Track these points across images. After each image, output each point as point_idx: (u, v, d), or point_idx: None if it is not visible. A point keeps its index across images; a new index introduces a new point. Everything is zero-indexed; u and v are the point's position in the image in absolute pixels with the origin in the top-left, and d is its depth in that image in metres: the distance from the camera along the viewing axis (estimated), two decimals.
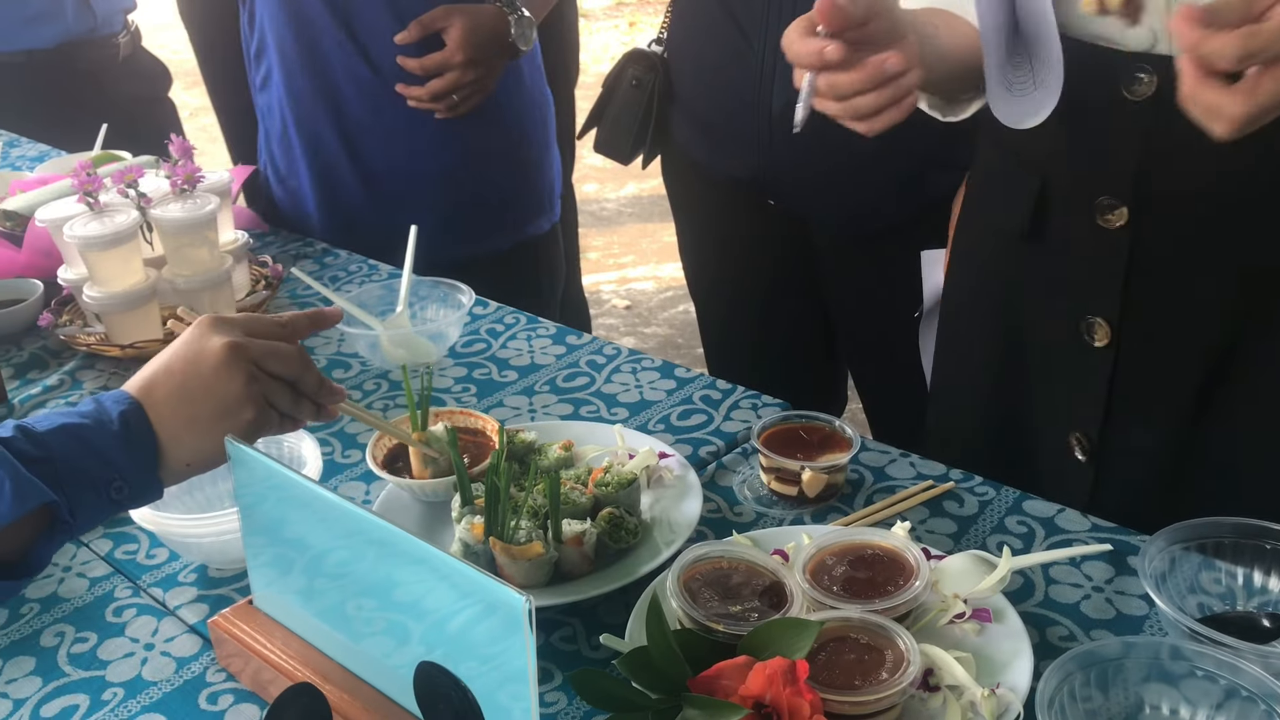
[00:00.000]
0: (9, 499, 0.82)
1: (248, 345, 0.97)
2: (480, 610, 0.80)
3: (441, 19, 1.75)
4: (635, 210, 5.04)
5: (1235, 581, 1.00)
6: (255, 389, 0.97)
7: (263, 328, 1.01)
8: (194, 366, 0.96)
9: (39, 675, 1.02)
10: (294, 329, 1.04)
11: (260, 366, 0.98)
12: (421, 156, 1.84)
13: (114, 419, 0.91)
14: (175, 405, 0.94)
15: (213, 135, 3.30)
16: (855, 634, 0.92)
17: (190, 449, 0.95)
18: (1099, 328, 1.17)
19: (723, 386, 1.41)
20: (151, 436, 0.93)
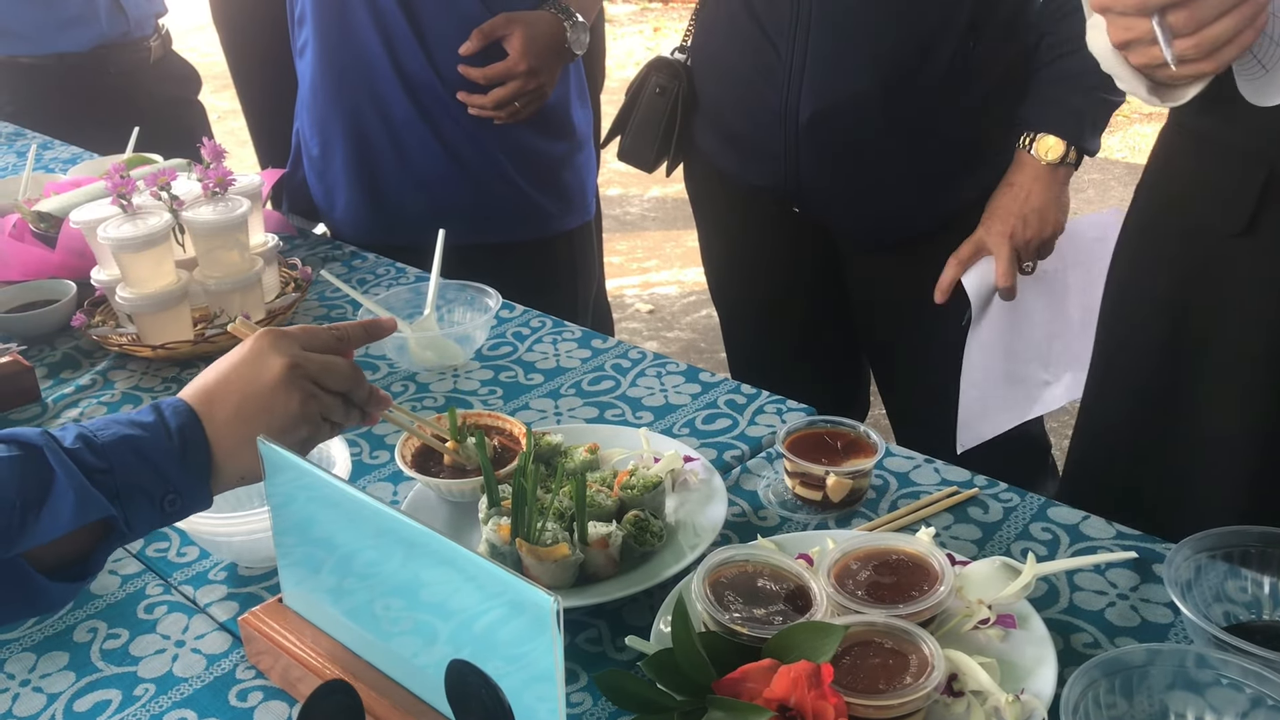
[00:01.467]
0: (72, 509, 0.84)
1: (306, 363, 0.98)
2: (508, 610, 0.81)
3: (502, 27, 1.77)
4: (659, 214, 5.05)
5: (1261, 590, 0.99)
6: (312, 407, 0.98)
7: (319, 342, 1.02)
8: (253, 386, 0.96)
9: (72, 670, 1.04)
10: (349, 341, 1.05)
11: (318, 384, 0.99)
12: (456, 145, 1.85)
13: (173, 433, 0.92)
14: (233, 423, 0.95)
15: (242, 138, 3.33)
16: (880, 638, 0.92)
17: (244, 464, 0.96)
18: None
19: (747, 391, 1.42)
20: (207, 452, 0.94)
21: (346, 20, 1.80)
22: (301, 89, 1.95)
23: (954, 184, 1.62)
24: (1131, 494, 1.31)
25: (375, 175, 1.89)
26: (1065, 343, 1.71)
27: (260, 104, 3.08)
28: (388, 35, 1.79)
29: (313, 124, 1.93)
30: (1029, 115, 1.57)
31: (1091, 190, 5.00)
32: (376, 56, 1.80)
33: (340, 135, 1.89)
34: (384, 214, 1.91)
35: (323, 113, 1.89)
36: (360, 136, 1.87)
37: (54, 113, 2.54)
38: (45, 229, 1.76)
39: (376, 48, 1.80)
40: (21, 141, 2.50)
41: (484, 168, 1.87)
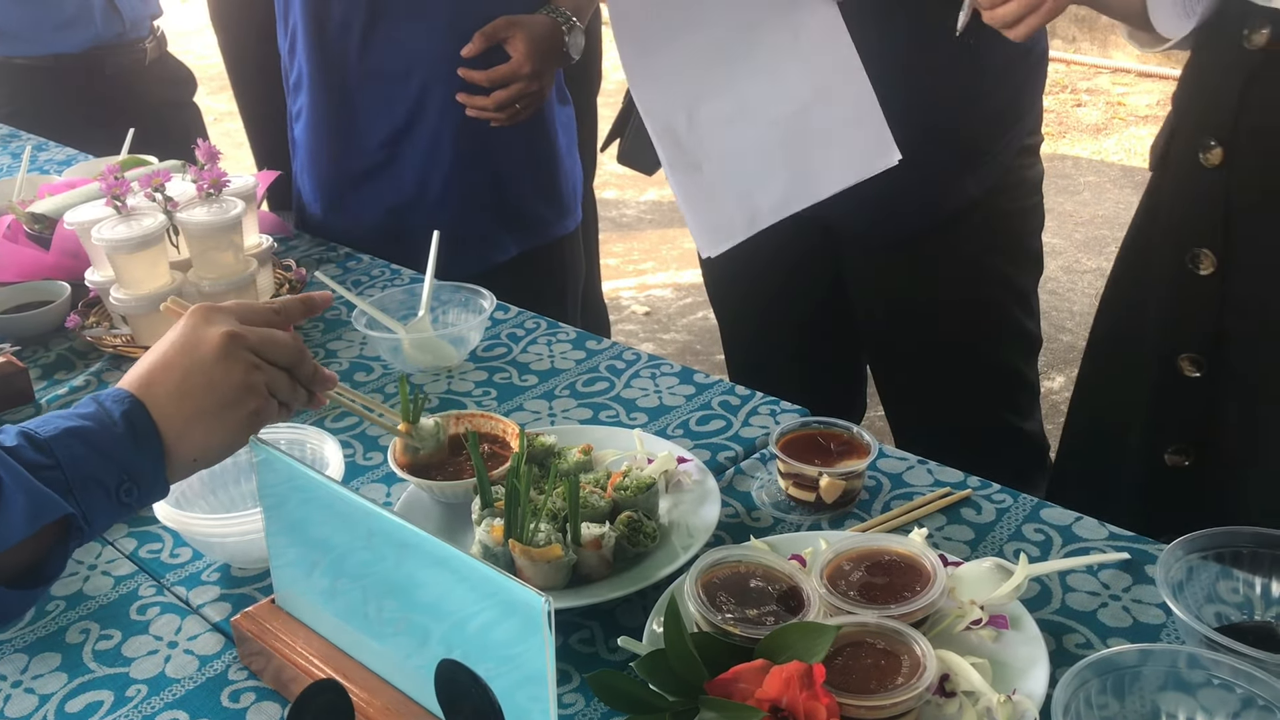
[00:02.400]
0: (23, 514, 0.81)
1: (245, 334, 0.95)
2: (500, 611, 0.81)
3: (504, 29, 1.76)
4: (655, 216, 5.05)
5: (1253, 591, 1.00)
6: (257, 378, 0.95)
7: (257, 315, 0.98)
8: (192, 359, 0.93)
9: (64, 671, 1.03)
10: (287, 315, 1.02)
11: (259, 355, 0.95)
12: (448, 161, 1.85)
13: (117, 420, 0.89)
14: (177, 401, 0.91)
15: (238, 140, 3.33)
16: (872, 639, 0.92)
17: (196, 444, 0.92)
18: (1205, 258, 1.27)
19: (741, 392, 1.42)
20: (156, 435, 0.90)
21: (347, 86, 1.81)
22: (299, 154, 1.94)
23: (956, 182, 1.62)
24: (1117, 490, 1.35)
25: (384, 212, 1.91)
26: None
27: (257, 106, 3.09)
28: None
29: (315, 186, 1.94)
30: None
31: (1088, 193, 5.01)
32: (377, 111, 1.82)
33: (342, 189, 1.90)
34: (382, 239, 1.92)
35: (324, 173, 1.91)
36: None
37: (49, 114, 2.54)
38: (39, 230, 1.76)
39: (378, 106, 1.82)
40: (16, 143, 2.50)
41: (476, 182, 1.88)
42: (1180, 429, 1.37)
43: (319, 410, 1.40)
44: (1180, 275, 1.32)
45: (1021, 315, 1.75)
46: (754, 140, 1.52)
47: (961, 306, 1.70)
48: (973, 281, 1.70)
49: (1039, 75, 1.69)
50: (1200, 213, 1.29)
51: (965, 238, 1.62)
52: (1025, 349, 1.79)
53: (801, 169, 1.51)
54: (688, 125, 1.52)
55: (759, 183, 1.52)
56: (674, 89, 1.52)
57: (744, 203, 1.52)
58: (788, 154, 1.51)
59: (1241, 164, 1.24)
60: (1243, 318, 1.28)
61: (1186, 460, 1.37)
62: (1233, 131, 1.23)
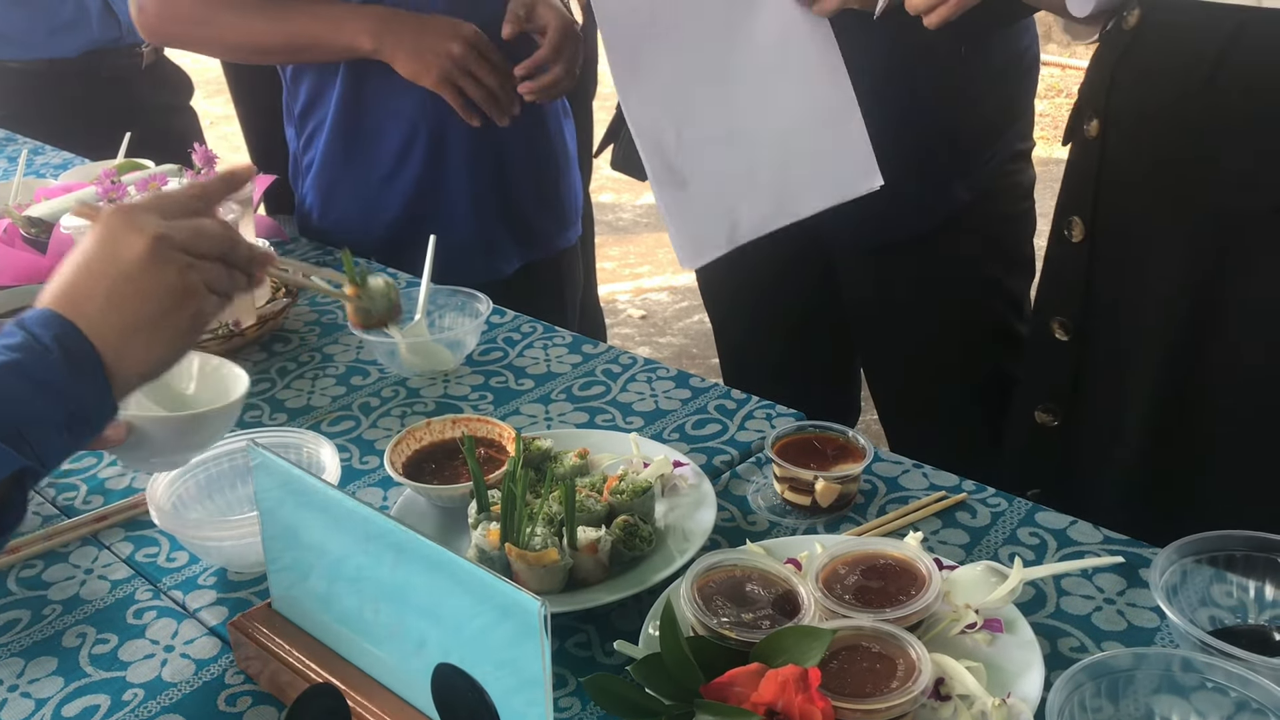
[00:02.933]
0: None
1: (172, 233, 0.87)
2: (496, 615, 0.81)
3: (527, 9, 1.74)
4: (651, 220, 5.06)
5: (1247, 595, 1.00)
6: (192, 278, 0.88)
7: (177, 206, 0.91)
8: (119, 268, 0.85)
9: (60, 675, 1.04)
10: (209, 198, 0.95)
11: (189, 252, 0.88)
12: (455, 175, 1.86)
13: (51, 346, 0.81)
14: (109, 315, 0.84)
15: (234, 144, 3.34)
16: (867, 643, 0.93)
17: (138, 359, 0.86)
18: (1075, 224, 1.35)
19: (737, 396, 1.42)
20: (94, 355, 0.83)
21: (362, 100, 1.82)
22: (312, 168, 1.94)
23: (948, 187, 1.63)
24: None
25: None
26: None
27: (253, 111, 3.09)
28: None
29: (319, 196, 1.94)
30: None
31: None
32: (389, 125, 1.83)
33: (362, 202, 1.91)
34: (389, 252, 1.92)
35: (344, 189, 1.91)
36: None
37: (45, 118, 2.54)
38: (36, 234, 1.76)
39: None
40: (12, 147, 2.50)
41: (481, 196, 1.88)
42: (1051, 390, 1.44)
43: (317, 415, 1.41)
44: (1057, 242, 1.40)
45: (1014, 319, 1.75)
46: (740, 159, 1.53)
47: (954, 311, 1.70)
48: (965, 286, 1.71)
49: (1030, 81, 1.70)
50: (1076, 183, 1.37)
51: (957, 243, 1.63)
52: (1017, 352, 1.79)
53: (784, 189, 1.52)
54: (676, 143, 1.53)
55: (741, 200, 1.53)
56: (665, 107, 1.53)
57: (725, 219, 1.54)
58: (772, 173, 1.52)
59: (1111, 136, 1.31)
60: (1106, 284, 1.35)
61: (1055, 420, 1.44)
62: (1106, 106, 1.30)
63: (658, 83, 1.52)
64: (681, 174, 1.54)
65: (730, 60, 1.51)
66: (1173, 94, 1.23)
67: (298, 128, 1.91)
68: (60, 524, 1.23)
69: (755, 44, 1.50)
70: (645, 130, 1.53)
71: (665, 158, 1.53)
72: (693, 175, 1.53)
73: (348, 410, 1.44)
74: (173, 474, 1.17)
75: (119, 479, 1.32)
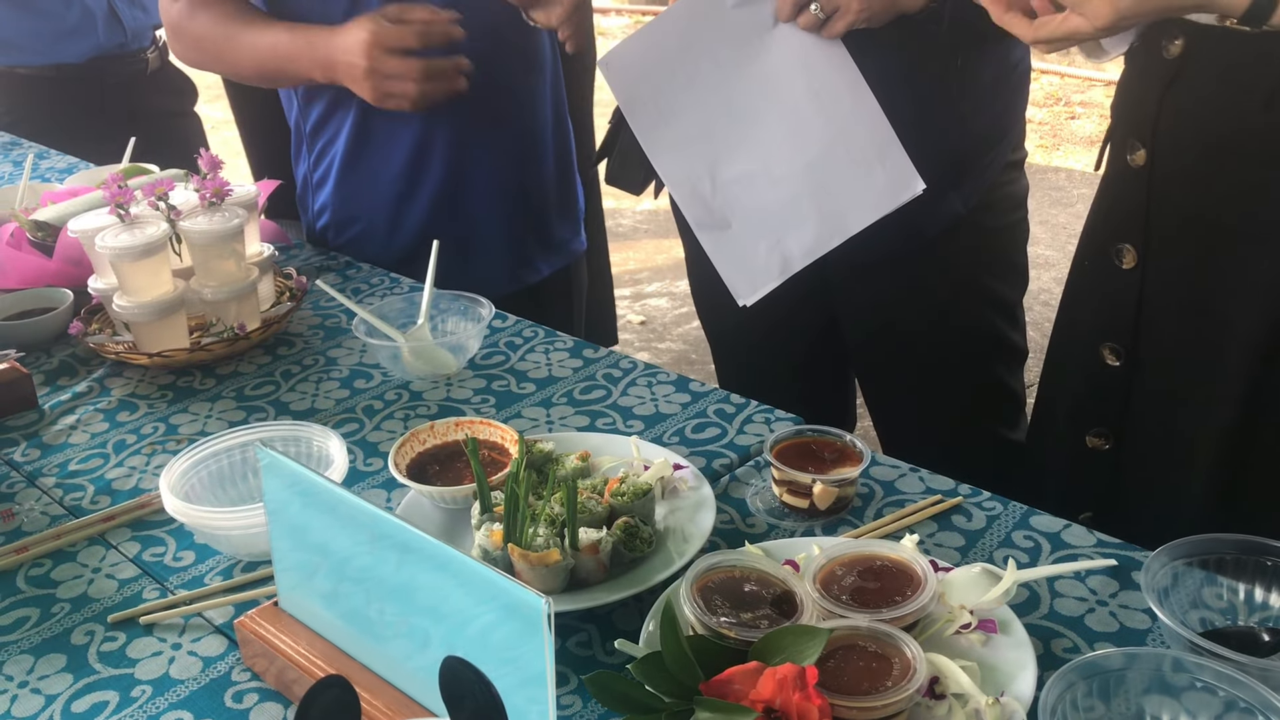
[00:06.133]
0: None
1: None
2: (500, 614, 0.83)
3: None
4: (651, 226, 5.08)
5: (1237, 597, 1.02)
6: None
7: None
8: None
9: (69, 672, 1.05)
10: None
11: None
12: (477, 183, 1.87)
13: None
14: None
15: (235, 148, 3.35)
16: (864, 642, 0.94)
17: None
18: (1127, 252, 1.36)
19: (736, 401, 1.44)
20: None
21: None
22: (326, 184, 1.93)
23: (942, 200, 1.65)
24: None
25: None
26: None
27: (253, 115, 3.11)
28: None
29: (335, 212, 1.94)
30: None
31: (1081, 204, 5.04)
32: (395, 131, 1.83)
33: (374, 216, 1.92)
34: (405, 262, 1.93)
35: (363, 198, 1.91)
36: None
37: (50, 123, 2.56)
38: (42, 238, 1.78)
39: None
40: (18, 151, 2.52)
41: (502, 210, 1.90)
42: (1101, 414, 1.45)
43: (321, 419, 1.43)
44: (1106, 267, 1.40)
45: (1006, 328, 1.77)
46: (779, 191, 1.55)
47: (947, 321, 1.71)
48: (959, 296, 1.72)
49: (1022, 93, 1.72)
50: (1124, 209, 1.37)
51: (951, 254, 1.64)
52: (1011, 361, 1.81)
53: (829, 210, 1.54)
54: (712, 187, 1.56)
55: (788, 230, 1.56)
56: (693, 154, 1.55)
57: (775, 251, 1.56)
58: (814, 198, 1.54)
59: (1160, 164, 1.32)
60: (1162, 310, 1.36)
61: (1107, 444, 1.45)
62: (1153, 134, 1.31)
63: (683, 132, 1.55)
64: (723, 215, 1.57)
65: (751, 97, 1.54)
66: (1227, 123, 1.24)
67: (309, 144, 1.91)
68: (68, 523, 1.25)
69: (774, 77, 1.53)
70: (679, 180, 1.56)
71: (704, 203, 1.56)
72: (734, 215, 1.57)
73: (351, 413, 1.46)
74: (184, 466, 1.21)
75: (125, 480, 1.34)
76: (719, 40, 1.54)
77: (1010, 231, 1.77)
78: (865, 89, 1.51)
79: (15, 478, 1.36)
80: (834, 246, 1.56)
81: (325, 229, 1.95)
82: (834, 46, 1.51)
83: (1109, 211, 1.41)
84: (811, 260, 1.57)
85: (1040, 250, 4.61)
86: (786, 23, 1.51)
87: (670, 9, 1.56)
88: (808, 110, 1.53)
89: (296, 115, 1.93)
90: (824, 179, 1.54)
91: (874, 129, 1.52)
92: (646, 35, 1.57)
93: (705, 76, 1.55)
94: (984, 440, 1.81)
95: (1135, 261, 1.36)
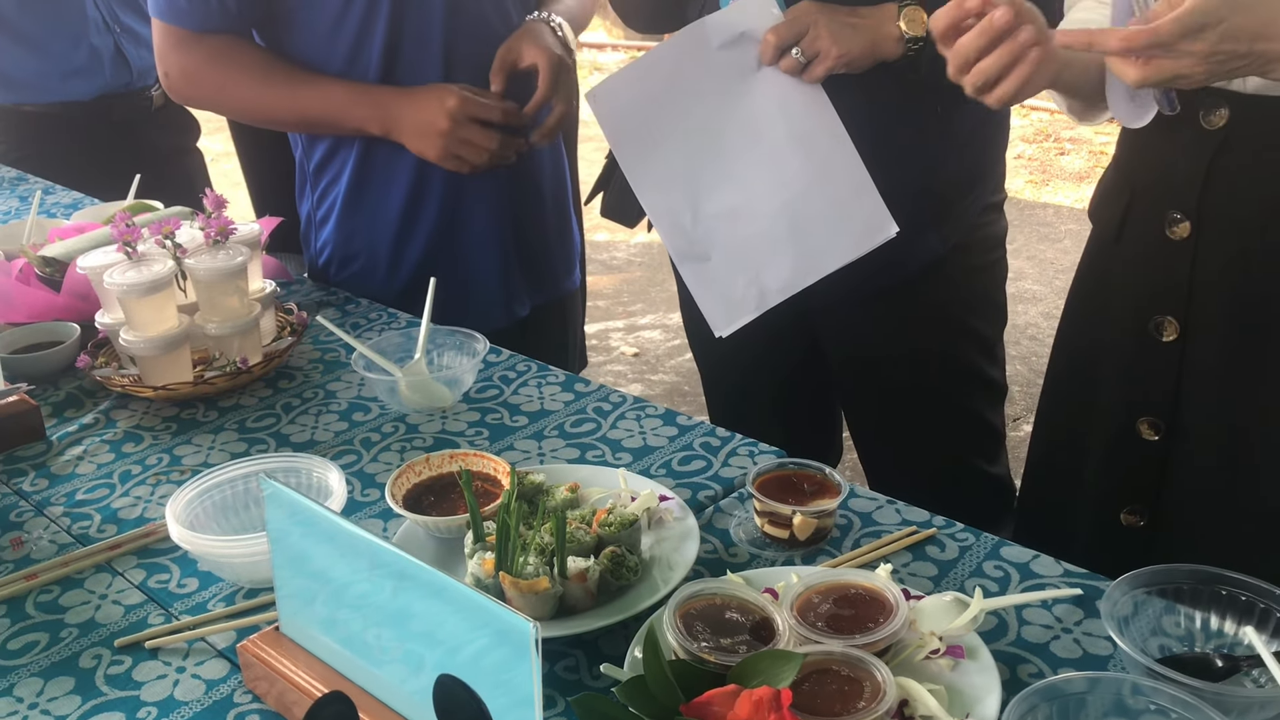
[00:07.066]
0: None
1: None
2: (492, 639, 0.87)
3: (514, 54, 1.79)
4: (645, 259, 5.14)
5: (1194, 625, 1.07)
6: None
7: None
8: None
9: (78, 694, 1.09)
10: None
11: None
12: (474, 221, 1.93)
13: None
14: None
15: (234, 180, 3.41)
16: (837, 666, 0.99)
17: None
18: (1168, 324, 1.35)
19: (722, 434, 1.49)
20: None
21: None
22: (329, 222, 1.99)
23: (922, 240, 1.70)
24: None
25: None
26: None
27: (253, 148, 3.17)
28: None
29: (337, 248, 1.99)
30: None
31: (1069, 240, 5.11)
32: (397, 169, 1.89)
33: (374, 253, 1.97)
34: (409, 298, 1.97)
35: (349, 234, 1.97)
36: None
37: (56, 159, 2.61)
38: (50, 273, 1.82)
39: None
40: (24, 186, 2.57)
41: (498, 243, 1.95)
42: (1136, 490, 1.43)
43: (320, 450, 1.48)
44: (1143, 341, 1.38)
45: (986, 365, 1.83)
46: (758, 228, 1.61)
47: (928, 357, 1.77)
48: (939, 334, 1.78)
49: (1002, 137, 1.78)
50: (1165, 282, 1.35)
51: (932, 292, 1.70)
52: (990, 397, 1.86)
53: (805, 249, 1.61)
54: (693, 220, 1.62)
55: (765, 266, 1.62)
56: (676, 187, 1.62)
57: (753, 285, 1.63)
58: (791, 237, 1.61)
59: (1208, 236, 1.30)
60: (1203, 384, 1.35)
61: (1141, 520, 1.43)
62: (1198, 206, 1.30)
63: (667, 166, 1.61)
64: (703, 248, 1.63)
65: (734, 136, 1.60)
66: (1277, 195, 1.24)
67: (312, 182, 1.97)
68: (76, 551, 1.30)
69: (756, 118, 1.59)
70: (662, 212, 1.62)
71: (685, 235, 1.62)
72: (714, 248, 1.63)
73: (350, 445, 1.51)
74: (189, 496, 1.26)
75: (131, 509, 1.38)
76: (705, 79, 1.60)
77: (990, 270, 1.82)
78: (843, 134, 1.57)
79: (24, 507, 1.40)
80: (809, 284, 1.61)
81: (327, 264, 2.01)
82: (814, 91, 1.57)
83: (1144, 284, 1.38)
84: (787, 296, 1.62)
85: (1028, 285, 4.68)
86: (770, 66, 1.57)
87: (658, 47, 1.63)
88: (788, 151, 1.59)
89: (301, 155, 1.99)
90: (801, 218, 1.60)
91: (850, 173, 1.58)
92: (634, 71, 1.63)
93: (690, 113, 1.61)
94: (965, 474, 1.86)
95: (1177, 334, 1.35)
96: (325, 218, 1.98)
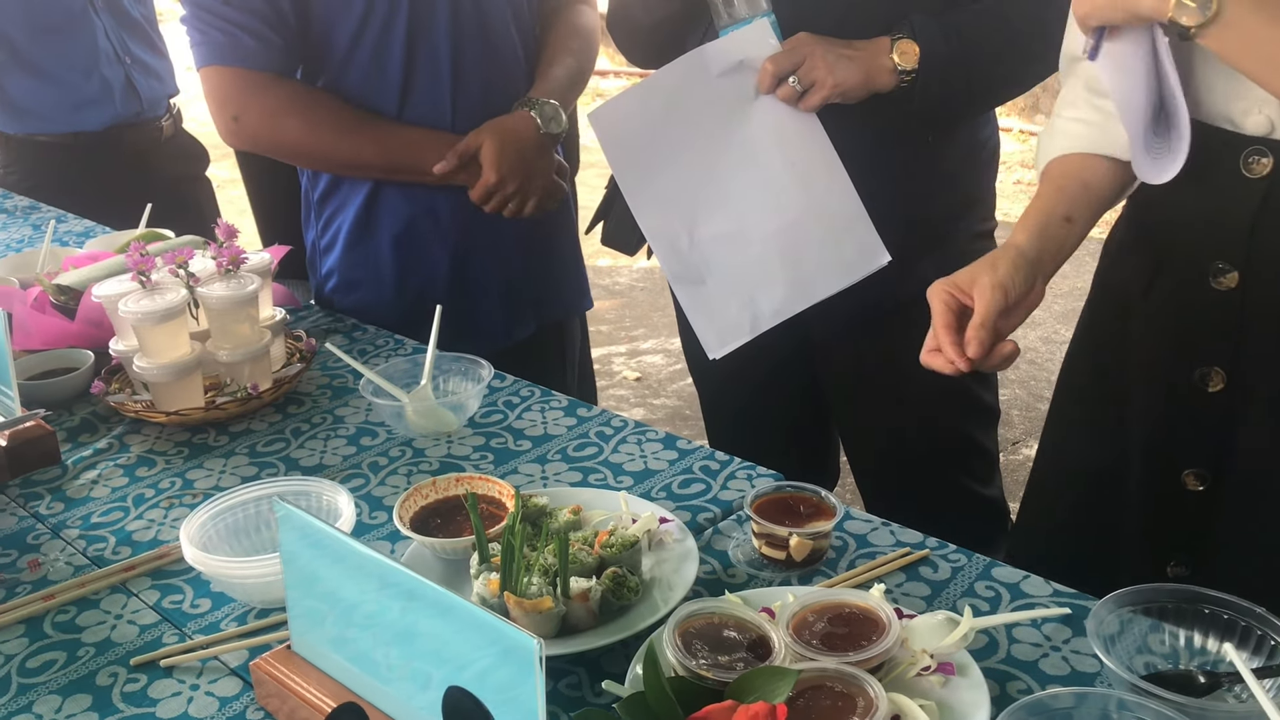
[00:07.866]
0: None
1: None
2: (497, 657, 0.90)
3: (473, 141, 1.86)
4: (647, 284, 5.18)
5: (1178, 643, 1.10)
6: None
7: None
8: None
9: (95, 711, 1.13)
10: None
11: None
12: (481, 250, 1.98)
13: None
14: None
15: (240, 207, 3.46)
16: (831, 683, 1.02)
17: None
18: (1215, 375, 1.34)
19: (721, 458, 1.52)
20: None
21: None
22: (334, 250, 2.04)
23: (914, 267, 1.73)
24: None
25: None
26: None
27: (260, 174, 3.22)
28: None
29: (343, 276, 2.04)
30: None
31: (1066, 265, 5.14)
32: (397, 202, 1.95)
33: (381, 280, 2.02)
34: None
35: (355, 262, 2.03)
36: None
37: (68, 188, 2.66)
38: (65, 301, 1.87)
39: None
40: (37, 215, 2.62)
41: (505, 265, 2.01)
42: (1181, 542, 1.42)
43: (329, 474, 1.51)
44: (1181, 392, 1.37)
45: (979, 389, 1.86)
46: (752, 253, 1.65)
47: (922, 383, 1.79)
48: None
49: (992, 167, 1.82)
50: (1210, 332, 1.34)
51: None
52: (983, 421, 1.90)
53: (798, 275, 1.65)
54: (689, 243, 1.66)
55: (759, 291, 1.66)
56: (674, 211, 1.66)
57: (746, 309, 1.66)
58: (784, 263, 1.65)
59: (1256, 284, 1.29)
60: (1252, 434, 1.34)
61: (1188, 571, 1.43)
62: (1246, 256, 1.28)
63: (665, 189, 1.65)
64: (699, 271, 1.67)
65: (731, 162, 1.64)
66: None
67: (317, 211, 2.02)
68: (91, 573, 1.33)
69: (753, 145, 1.64)
70: (659, 235, 1.66)
71: (681, 258, 1.66)
72: (709, 272, 1.67)
73: (358, 469, 1.54)
74: (202, 519, 1.29)
75: (145, 531, 1.42)
76: (704, 106, 1.64)
77: None
78: (838, 163, 1.61)
79: (41, 530, 1.44)
80: (801, 309, 1.65)
81: (333, 291, 2.05)
82: (810, 120, 1.62)
83: (1181, 337, 1.37)
84: (780, 320, 1.66)
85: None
86: (767, 94, 1.62)
87: (659, 73, 1.67)
88: (783, 179, 1.63)
89: (306, 183, 2.03)
90: (795, 245, 1.64)
91: (844, 202, 1.62)
92: (636, 95, 1.67)
93: (689, 139, 1.65)
94: (959, 495, 1.89)
95: (1223, 384, 1.34)
96: (330, 245, 2.02)
